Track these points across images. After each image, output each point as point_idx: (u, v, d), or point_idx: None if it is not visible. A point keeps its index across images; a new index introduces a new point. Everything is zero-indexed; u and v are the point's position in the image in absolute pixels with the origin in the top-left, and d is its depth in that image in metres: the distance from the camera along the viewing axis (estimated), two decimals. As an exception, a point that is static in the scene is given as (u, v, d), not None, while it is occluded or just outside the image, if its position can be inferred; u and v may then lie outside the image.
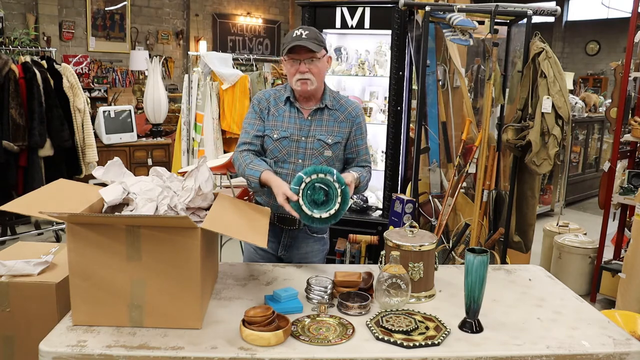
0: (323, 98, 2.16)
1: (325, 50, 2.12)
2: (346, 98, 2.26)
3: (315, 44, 2.06)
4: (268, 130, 2.15)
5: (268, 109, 2.17)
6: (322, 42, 2.10)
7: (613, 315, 2.59)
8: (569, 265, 4.09)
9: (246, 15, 11.19)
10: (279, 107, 2.17)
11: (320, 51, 2.08)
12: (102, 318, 1.57)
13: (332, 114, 2.16)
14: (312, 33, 2.09)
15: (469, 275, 1.58)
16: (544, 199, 6.33)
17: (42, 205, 1.61)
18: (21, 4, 8.25)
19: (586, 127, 6.93)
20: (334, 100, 2.19)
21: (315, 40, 2.07)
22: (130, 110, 5.72)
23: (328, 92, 2.19)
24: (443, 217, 3.28)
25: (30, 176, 4.30)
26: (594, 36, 12.68)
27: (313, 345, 1.49)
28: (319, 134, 2.14)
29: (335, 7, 3.44)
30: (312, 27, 2.16)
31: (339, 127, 2.16)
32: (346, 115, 2.17)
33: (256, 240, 1.68)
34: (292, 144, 2.13)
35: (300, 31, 2.09)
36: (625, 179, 3.91)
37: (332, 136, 2.15)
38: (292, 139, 2.13)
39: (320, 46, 2.08)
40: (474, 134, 3.51)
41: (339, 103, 2.19)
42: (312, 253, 2.27)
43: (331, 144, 2.14)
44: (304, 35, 2.06)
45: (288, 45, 2.06)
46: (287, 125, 2.14)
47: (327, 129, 2.15)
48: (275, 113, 2.16)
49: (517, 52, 3.44)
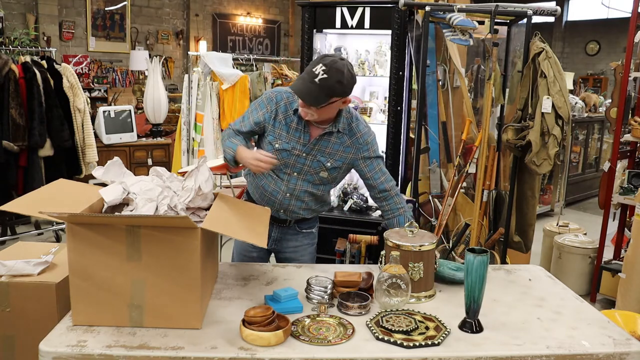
0: (336, 121, 2.06)
1: (338, 97, 1.92)
2: (358, 121, 2.13)
3: (320, 95, 1.87)
4: (271, 137, 2.09)
5: (276, 113, 2.08)
6: (333, 93, 1.89)
7: (613, 315, 2.59)
8: (569, 265, 4.09)
9: (246, 15, 11.19)
10: (287, 114, 2.07)
11: (323, 104, 1.91)
12: (102, 318, 1.57)
13: (340, 137, 2.08)
14: (330, 80, 1.85)
15: (469, 275, 1.58)
16: (544, 199, 6.33)
17: (42, 205, 1.61)
18: (21, 4, 8.25)
19: (586, 127, 6.93)
20: (346, 123, 2.08)
21: (326, 90, 1.87)
22: (130, 110, 5.72)
23: (343, 116, 2.07)
24: (443, 217, 3.28)
25: (30, 176, 4.30)
26: (594, 36, 12.68)
27: (313, 345, 1.49)
28: (320, 155, 2.09)
29: (335, 7, 3.43)
30: (340, 69, 1.86)
31: (343, 152, 2.10)
32: (353, 141, 2.10)
33: (256, 240, 1.68)
34: (292, 157, 2.09)
35: (319, 70, 1.86)
36: (625, 179, 3.91)
37: (332, 160, 2.09)
38: (292, 152, 2.08)
39: (327, 97, 1.89)
40: (474, 134, 3.51)
41: (350, 127, 2.09)
42: (301, 247, 2.32)
43: (329, 167, 2.10)
44: (317, 79, 1.85)
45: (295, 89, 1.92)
46: (291, 138, 2.07)
47: (330, 152, 2.09)
48: (283, 121, 2.07)
49: (517, 52, 3.44)
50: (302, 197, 2.15)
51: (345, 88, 1.92)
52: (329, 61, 1.88)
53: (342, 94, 1.94)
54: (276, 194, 2.14)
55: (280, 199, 2.14)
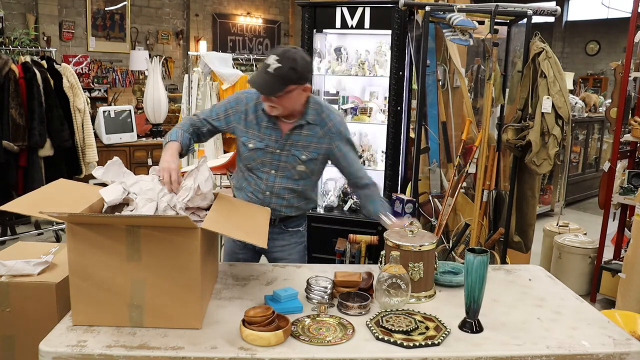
0: (305, 114, 2.08)
1: (295, 85, 1.94)
2: (329, 111, 2.14)
3: (276, 84, 1.90)
4: (244, 138, 2.12)
5: (245, 114, 2.11)
6: (289, 81, 1.91)
7: (613, 315, 2.59)
8: (569, 265, 4.09)
9: (246, 15, 11.19)
10: (258, 114, 2.10)
11: (280, 92, 1.93)
12: (102, 318, 1.57)
13: (312, 129, 2.10)
14: (284, 68, 1.88)
15: (469, 275, 1.58)
16: (544, 199, 6.33)
17: (42, 205, 1.61)
18: (21, 4, 8.24)
19: (586, 127, 6.93)
20: (316, 114, 2.10)
21: (281, 78, 1.89)
22: (130, 110, 5.72)
23: (312, 106, 2.09)
24: (443, 217, 3.28)
25: (30, 176, 4.30)
26: (594, 36, 12.68)
27: (313, 345, 1.49)
28: (294, 149, 2.10)
29: (335, 7, 3.43)
30: (292, 57, 1.91)
31: (317, 143, 2.11)
32: (325, 132, 2.11)
33: (256, 240, 1.68)
34: (267, 155, 2.10)
35: (272, 61, 1.90)
36: (625, 179, 3.91)
37: (307, 152, 2.10)
38: (267, 150, 2.10)
39: (283, 85, 1.91)
40: (474, 134, 3.51)
41: (321, 117, 2.10)
42: (289, 246, 2.30)
43: (305, 160, 2.11)
44: (271, 69, 1.89)
45: (251, 82, 1.96)
46: (263, 136, 2.09)
47: (303, 145, 2.10)
48: (253, 120, 2.10)
49: (517, 52, 3.44)
50: (282, 194, 2.16)
51: (300, 75, 1.93)
52: (281, 51, 1.93)
53: (298, 81, 1.94)
54: (257, 193, 2.15)
55: (262, 197, 2.15)
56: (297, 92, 1.98)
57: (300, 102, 2.04)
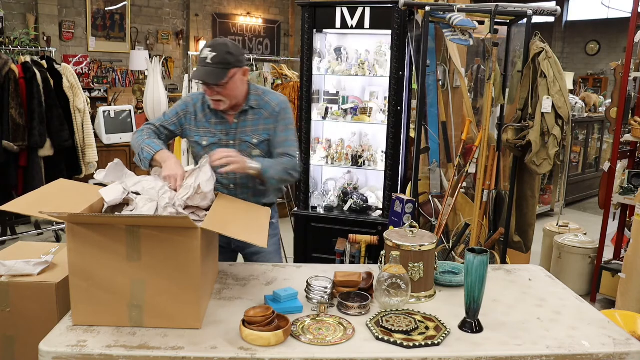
0: (247, 100, 2.16)
1: (235, 68, 2.04)
2: (272, 94, 2.24)
3: (219, 71, 2.00)
4: (197, 137, 2.18)
5: (194, 114, 2.19)
6: (229, 65, 2.02)
7: (613, 315, 2.59)
8: (569, 265, 4.09)
9: (246, 15, 11.19)
10: (206, 112, 2.19)
11: (224, 78, 2.02)
12: (102, 318, 1.57)
13: (257, 112, 2.17)
14: (220, 54, 2.01)
15: (469, 275, 1.58)
16: (544, 199, 6.33)
17: (42, 205, 1.61)
18: (21, 4, 8.24)
19: (586, 127, 6.93)
20: (258, 98, 2.18)
21: (221, 64, 2.00)
22: (130, 110, 5.71)
23: (252, 92, 2.18)
24: (443, 217, 3.28)
25: (30, 176, 4.30)
26: (594, 36, 12.68)
27: (313, 345, 1.49)
28: (244, 136, 2.16)
29: (335, 7, 3.43)
30: (222, 42, 2.05)
31: (264, 125, 2.17)
32: (270, 112, 2.18)
33: (256, 240, 1.68)
34: (222, 149, 2.12)
35: (207, 53, 2.01)
36: (625, 179, 3.91)
37: (257, 135, 2.16)
38: (220, 144, 2.16)
39: (225, 70, 2.01)
40: (474, 134, 3.51)
41: (264, 101, 2.19)
42: None
43: (257, 143, 2.17)
44: (209, 60, 2.00)
45: (195, 77, 2.03)
46: (214, 131, 2.17)
47: (252, 129, 2.17)
48: (203, 119, 2.18)
49: (517, 52, 3.44)
50: (247, 183, 2.19)
51: (236, 57, 2.05)
52: (211, 43, 2.06)
53: (236, 64, 2.05)
54: (221, 189, 2.18)
55: (227, 192, 2.17)
56: (238, 76, 2.07)
57: (243, 88, 2.13)
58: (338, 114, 3.63)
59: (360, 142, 3.76)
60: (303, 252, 3.61)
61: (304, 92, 3.53)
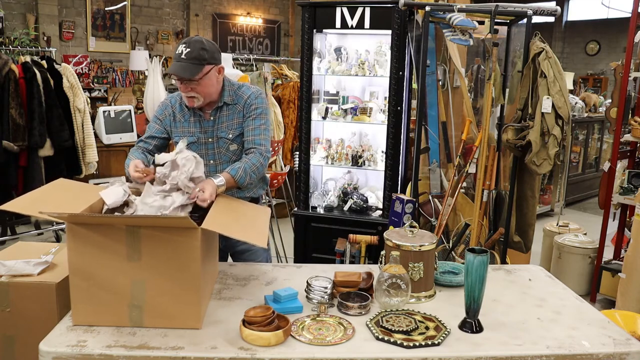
0: (222, 96, 2.18)
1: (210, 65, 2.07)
2: (246, 87, 2.26)
3: (193, 66, 2.01)
4: (177, 137, 2.21)
5: (173, 115, 2.23)
6: (203, 60, 2.04)
7: (613, 315, 2.59)
8: (569, 265, 4.09)
9: (246, 15, 11.18)
10: (184, 112, 2.22)
11: (198, 74, 2.03)
12: (102, 318, 1.57)
13: (232, 108, 2.21)
14: (194, 50, 2.03)
15: (469, 275, 1.58)
16: (544, 199, 6.33)
17: (42, 205, 1.61)
18: (21, 4, 8.24)
19: (586, 127, 6.93)
20: (233, 93, 2.21)
21: (195, 60, 2.02)
22: (130, 110, 5.71)
23: (227, 88, 2.20)
24: (443, 217, 3.28)
25: (30, 176, 4.30)
26: (594, 36, 12.68)
27: (313, 345, 1.49)
28: (220, 132, 2.19)
29: (335, 7, 3.43)
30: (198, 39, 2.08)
31: (239, 119, 2.20)
32: (243, 105, 2.21)
33: (256, 239, 1.68)
34: (201, 147, 2.20)
35: (182, 49, 2.04)
36: (625, 179, 3.91)
37: (232, 130, 2.20)
38: (200, 142, 2.20)
39: (200, 66, 2.03)
40: (474, 134, 3.51)
41: (237, 95, 2.22)
42: None
43: (233, 138, 2.20)
44: (183, 55, 2.03)
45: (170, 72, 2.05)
46: (193, 130, 2.21)
47: (227, 125, 2.20)
48: (182, 119, 2.22)
49: (517, 52, 3.44)
50: None
51: (210, 54, 2.08)
52: (186, 40, 2.08)
53: (211, 60, 2.08)
54: None
55: None
56: (213, 73, 2.10)
57: (218, 86, 2.16)
58: (338, 114, 3.63)
59: (360, 142, 3.76)
60: (303, 252, 3.61)
61: (304, 92, 3.53)
